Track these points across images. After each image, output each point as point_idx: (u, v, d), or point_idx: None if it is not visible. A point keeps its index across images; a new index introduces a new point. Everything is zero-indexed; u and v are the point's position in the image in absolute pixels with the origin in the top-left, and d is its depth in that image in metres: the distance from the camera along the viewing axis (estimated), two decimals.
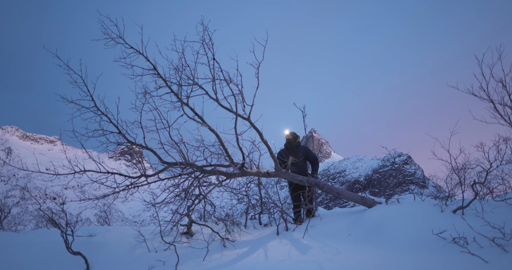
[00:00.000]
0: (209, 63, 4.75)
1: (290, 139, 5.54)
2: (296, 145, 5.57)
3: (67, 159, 4.83)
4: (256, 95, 4.67)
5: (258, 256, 3.74)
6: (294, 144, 5.56)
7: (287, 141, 5.57)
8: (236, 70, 4.67)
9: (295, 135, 5.62)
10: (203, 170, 4.82)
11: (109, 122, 4.88)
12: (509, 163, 4.20)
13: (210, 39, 4.71)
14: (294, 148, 5.54)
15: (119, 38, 4.82)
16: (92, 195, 5.23)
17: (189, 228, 4.92)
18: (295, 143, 5.57)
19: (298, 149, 5.53)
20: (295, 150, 5.51)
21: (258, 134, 4.75)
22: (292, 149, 5.53)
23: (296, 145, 5.58)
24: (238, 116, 4.67)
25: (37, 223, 22.28)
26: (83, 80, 4.82)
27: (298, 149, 5.53)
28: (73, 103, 4.82)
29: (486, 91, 4.35)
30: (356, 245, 3.68)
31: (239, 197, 5.89)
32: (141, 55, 4.84)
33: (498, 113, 4.31)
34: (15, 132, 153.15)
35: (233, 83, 4.72)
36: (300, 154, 5.47)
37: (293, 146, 5.55)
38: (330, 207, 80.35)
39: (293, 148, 5.54)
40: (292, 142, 5.54)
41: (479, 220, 3.47)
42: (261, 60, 4.70)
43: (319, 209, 5.81)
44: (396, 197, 4.81)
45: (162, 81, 4.85)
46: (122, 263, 4.05)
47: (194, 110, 4.87)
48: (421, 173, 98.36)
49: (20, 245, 4.35)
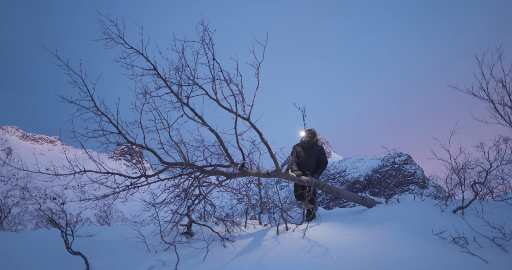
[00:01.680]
0: (209, 63, 4.75)
1: (307, 141, 5.40)
2: (312, 145, 5.47)
3: (67, 159, 4.83)
4: (256, 95, 4.67)
5: (258, 256, 3.74)
6: (310, 145, 5.46)
7: (304, 142, 5.43)
8: (236, 70, 4.67)
9: (311, 134, 5.41)
10: (203, 170, 4.82)
11: (109, 122, 4.87)
12: (509, 163, 4.21)
13: (210, 39, 4.71)
14: (309, 148, 5.48)
15: (119, 38, 4.82)
16: (92, 195, 5.23)
17: (189, 228, 4.92)
18: (311, 144, 5.46)
19: (313, 149, 5.47)
20: (310, 150, 5.45)
21: (258, 134, 4.75)
22: (307, 148, 5.48)
23: (312, 145, 5.47)
24: (238, 116, 4.67)
25: (37, 223, 22.27)
26: (83, 80, 4.81)
27: (313, 149, 5.47)
28: (73, 103, 4.81)
29: (486, 91, 4.35)
30: (356, 245, 3.68)
31: (239, 197, 5.89)
32: (141, 55, 4.84)
33: (498, 113, 4.31)
34: (15, 132, 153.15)
35: (233, 83, 4.72)
36: (314, 154, 5.43)
37: (309, 147, 5.47)
38: (330, 207, 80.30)
39: (309, 149, 5.48)
40: (309, 142, 5.42)
41: (479, 220, 3.47)
42: (261, 60, 4.70)
43: (319, 209, 5.82)
44: (396, 197, 4.81)
45: (162, 81, 4.85)
46: (122, 263, 4.05)
47: (194, 110, 4.87)
48: (421, 173, 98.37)
49: (20, 245, 4.35)
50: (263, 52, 4.68)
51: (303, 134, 5.38)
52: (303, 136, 5.38)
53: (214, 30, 4.74)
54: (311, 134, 5.38)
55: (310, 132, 5.38)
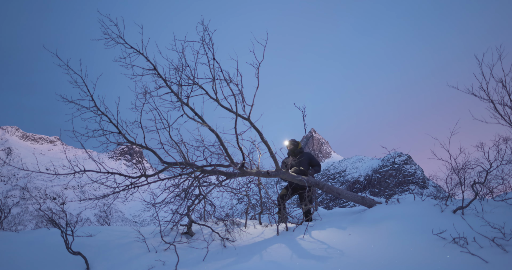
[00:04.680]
0: (209, 63, 4.75)
1: (292, 149, 5.54)
2: (299, 152, 5.56)
3: (67, 159, 4.83)
4: (256, 95, 4.67)
5: (258, 256, 3.73)
6: (297, 151, 5.56)
7: (290, 151, 5.56)
8: (236, 70, 4.67)
9: (295, 142, 5.61)
10: (203, 170, 4.82)
11: (109, 122, 4.88)
12: (509, 163, 4.20)
13: (210, 39, 4.71)
14: (297, 155, 5.53)
15: (119, 38, 4.82)
16: (92, 195, 5.22)
17: (189, 228, 4.92)
18: (298, 150, 5.57)
19: (301, 155, 5.53)
20: (299, 157, 5.50)
21: (258, 134, 4.75)
22: (296, 156, 5.52)
23: (299, 152, 5.57)
24: (238, 116, 4.67)
25: (37, 223, 22.28)
26: (83, 80, 4.82)
27: (302, 155, 5.53)
28: (73, 103, 4.82)
29: (486, 91, 4.35)
30: (356, 245, 3.68)
31: (239, 197, 5.89)
32: (141, 55, 4.84)
33: (498, 113, 4.31)
34: (15, 132, 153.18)
35: (233, 83, 4.72)
36: (304, 160, 5.47)
37: (296, 153, 5.54)
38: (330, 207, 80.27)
39: (296, 156, 5.52)
40: (294, 150, 5.54)
41: (479, 220, 3.47)
42: (261, 60, 4.70)
43: (319, 209, 5.81)
44: (396, 197, 4.81)
45: (162, 81, 4.85)
46: (122, 263, 4.05)
47: (194, 110, 4.87)
48: (421, 173, 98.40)
49: (20, 245, 4.35)
50: (263, 52, 4.68)
51: (287, 144, 5.62)
52: (287, 145, 5.61)
53: (214, 30, 4.74)
54: (294, 141, 5.63)
55: (293, 140, 5.65)
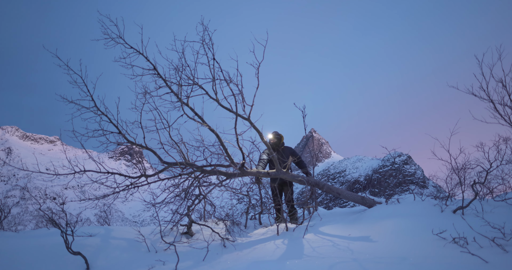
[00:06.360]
0: (209, 63, 4.75)
1: (276, 142, 5.50)
2: (281, 146, 5.58)
3: (67, 159, 4.83)
4: (256, 95, 4.67)
5: (258, 256, 3.73)
6: (280, 145, 5.56)
7: (273, 144, 5.49)
8: (236, 70, 4.67)
9: (278, 135, 5.58)
10: (203, 170, 4.82)
11: (109, 122, 4.88)
12: (509, 163, 4.20)
13: (210, 39, 4.70)
14: (279, 149, 5.55)
15: (119, 38, 4.82)
16: (92, 195, 5.23)
17: (189, 228, 4.92)
18: (280, 144, 5.57)
19: (284, 149, 5.55)
20: (281, 151, 5.52)
21: (258, 134, 4.75)
22: (278, 150, 5.53)
23: (281, 146, 5.58)
24: (238, 116, 4.67)
25: (37, 223, 22.27)
26: (83, 80, 4.82)
27: (284, 149, 5.55)
28: (73, 103, 4.82)
29: (486, 91, 4.35)
30: (356, 245, 3.68)
31: (239, 197, 5.89)
32: (141, 55, 4.84)
33: (498, 113, 4.31)
34: (15, 132, 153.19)
35: (233, 83, 4.71)
36: (286, 154, 5.48)
37: (279, 147, 5.55)
38: (330, 207, 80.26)
39: (279, 149, 5.54)
40: (278, 144, 5.52)
41: (479, 220, 3.47)
42: (261, 60, 4.69)
43: (319, 209, 5.81)
44: (396, 197, 4.81)
45: (162, 81, 4.85)
46: (122, 263, 4.05)
47: (194, 110, 4.87)
48: (421, 173, 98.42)
49: (20, 245, 4.35)
50: (263, 52, 4.68)
51: (270, 137, 5.53)
52: (271, 138, 5.51)
53: (214, 30, 4.74)
54: (278, 135, 5.57)
55: (277, 133, 5.58)
